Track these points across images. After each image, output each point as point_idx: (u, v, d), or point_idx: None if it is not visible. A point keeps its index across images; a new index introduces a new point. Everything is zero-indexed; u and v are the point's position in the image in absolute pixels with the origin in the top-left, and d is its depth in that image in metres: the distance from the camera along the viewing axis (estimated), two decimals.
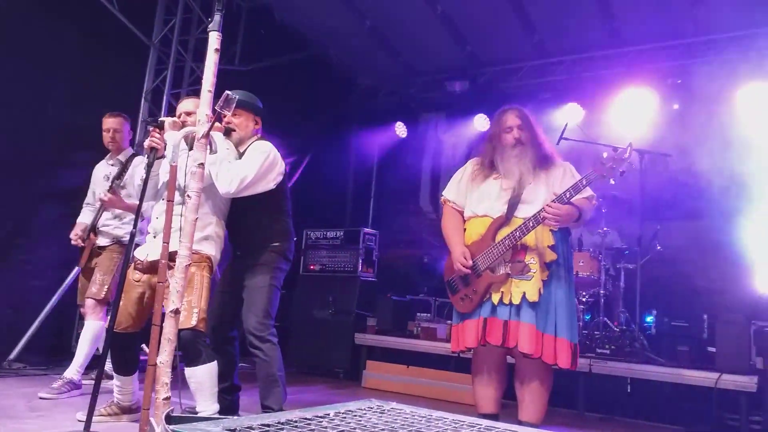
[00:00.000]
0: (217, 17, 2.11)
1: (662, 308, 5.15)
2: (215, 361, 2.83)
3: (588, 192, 2.89)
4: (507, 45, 6.75)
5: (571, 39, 6.45)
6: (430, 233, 6.74)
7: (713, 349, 4.32)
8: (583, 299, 5.09)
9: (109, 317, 2.98)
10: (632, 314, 4.92)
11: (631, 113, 6.20)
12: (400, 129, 7.79)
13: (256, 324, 3.01)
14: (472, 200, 3.08)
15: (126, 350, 3.01)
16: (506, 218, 2.93)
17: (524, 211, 2.90)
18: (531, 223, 2.81)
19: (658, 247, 5.06)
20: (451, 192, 3.19)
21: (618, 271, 5.13)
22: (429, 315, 5.76)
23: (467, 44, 6.88)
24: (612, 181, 2.76)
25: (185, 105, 3.20)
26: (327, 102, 7.39)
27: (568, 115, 6.36)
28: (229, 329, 3.22)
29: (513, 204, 2.94)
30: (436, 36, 6.72)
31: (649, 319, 5.17)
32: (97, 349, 3.96)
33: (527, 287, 2.83)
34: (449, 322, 4.94)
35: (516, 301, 2.82)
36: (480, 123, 7.17)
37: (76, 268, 4.34)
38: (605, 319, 4.94)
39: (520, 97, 6.55)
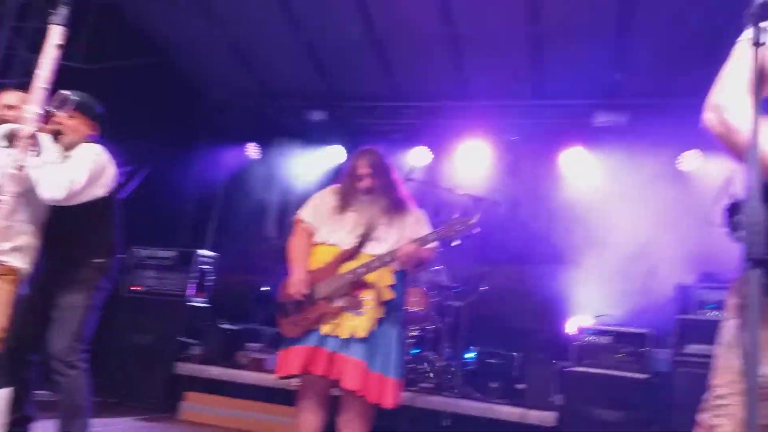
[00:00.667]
0: (63, 10, 1.92)
1: (483, 345, 5.51)
2: (9, 388, 2.49)
3: (434, 243, 3.03)
4: (366, 82, 6.96)
5: (425, 86, 6.83)
6: (273, 261, 6.62)
7: (523, 386, 4.71)
8: (413, 333, 5.29)
9: None
10: (456, 350, 5.21)
11: (472, 161, 6.69)
12: (252, 150, 7.61)
13: (63, 347, 2.72)
14: (325, 227, 3.08)
15: None
16: (354, 252, 2.97)
17: (373, 249, 2.97)
18: (377, 262, 2.88)
19: (485, 288, 5.45)
20: (307, 213, 3.18)
21: (447, 308, 5.41)
22: (260, 345, 5.58)
23: (329, 75, 6.99)
24: (454, 243, 2.92)
25: (8, 98, 2.89)
26: (174, 112, 7.00)
27: (416, 157, 6.70)
28: (27, 352, 2.86)
29: (364, 240, 2.99)
30: (299, 62, 6.75)
31: (470, 355, 5.51)
32: None
33: (359, 323, 2.87)
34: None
35: (344, 335, 2.85)
36: (336, 154, 7.26)
37: None
38: (431, 354, 5.17)
39: (375, 134, 6.78)
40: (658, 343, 4.49)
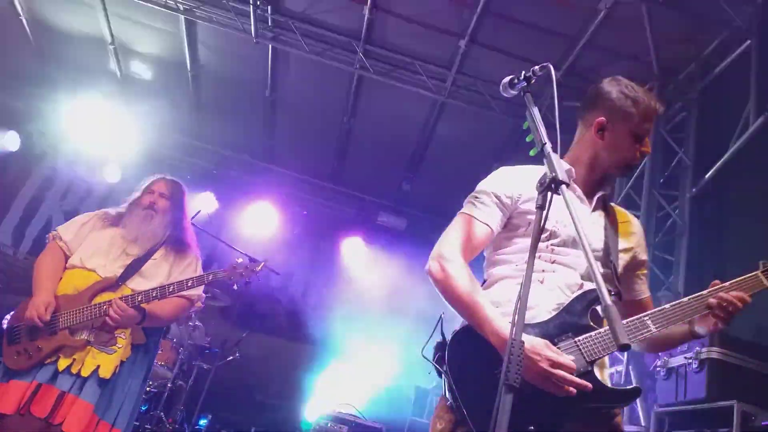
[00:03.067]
0: None
1: (219, 413, 5.20)
2: None
3: (197, 291, 2.80)
4: (171, 111, 6.56)
5: (234, 136, 6.68)
6: None
7: None
8: (148, 389, 4.77)
9: None
10: (190, 414, 4.81)
11: (258, 223, 6.59)
12: (9, 139, 6.48)
13: None
14: (85, 250, 2.69)
15: None
16: (116, 283, 2.63)
17: (137, 284, 2.66)
18: (141, 297, 2.58)
19: (236, 356, 5.21)
20: (68, 231, 2.74)
21: (192, 367, 5.03)
22: None
23: None
24: (235, 287, 2.79)
25: None
26: None
27: (203, 202, 6.38)
28: None
29: (129, 271, 2.67)
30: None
31: (203, 422, 5.13)
32: None
33: (105, 361, 2.52)
34: None
35: (86, 373, 2.47)
36: (111, 172, 6.57)
37: None
38: (161, 413, 4.70)
39: (166, 164, 6.32)
40: None
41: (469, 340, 1.54)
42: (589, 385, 1.44)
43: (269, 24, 5.21)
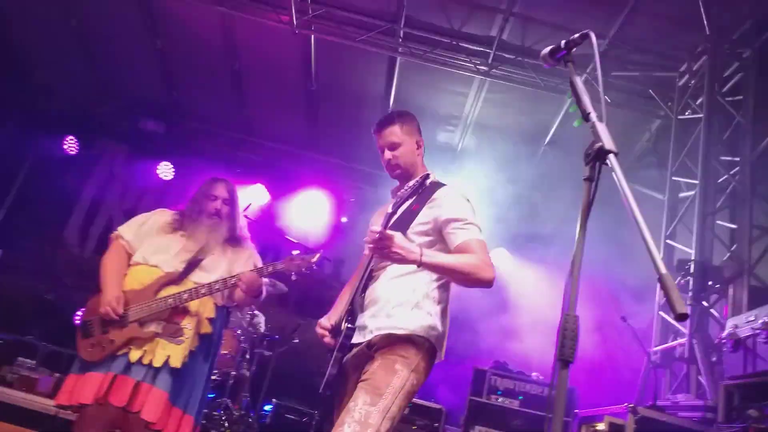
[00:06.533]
0: None
1: (283, 399, 5.34)
2: None
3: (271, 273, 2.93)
4: (218, 106, 6.73)
5: (277, 128, 6.79)
6: (66, 270, 5.86)
7: None
8: (213, 377, 4.96)
9: None
10: (254, 400, 4.97)
11: (310, 212, 6.70)
12: (70, 144, 6.82)
13: None
14: (147, 248, 2.82)
15: None
16: (179, 278, 2.75)
17: (199, 277, 2.78)
18: (204, 290, 2.70)
19: (296, 341, 5.34)
20: (129, 231, 2.90)
21: (254, 355, 5.19)
22: (33, 362, 4.81)
23: (175, 89, 6.63)
24: (294, 277, 2.87)
25: None
26: None
27: (254, 195, 6.53)
28: None
29: (191, 266, 2.79)
30: (145, 68, 6.32)
31: (268, 407, 5.29)
32: None
33: (174, 351, 2.64)
34: (57, 374, 4.24)
35: (157, 363, 2.60)
36: (164, 170, 6.80)
37: None
38: (228, 400, 4.88)
39: (214, 160, 6.50)
40: (450, 420, 4.71)
41: None
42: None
43: (309, 13, 5.25)
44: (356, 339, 2.10)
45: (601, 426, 3.43)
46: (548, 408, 1.22)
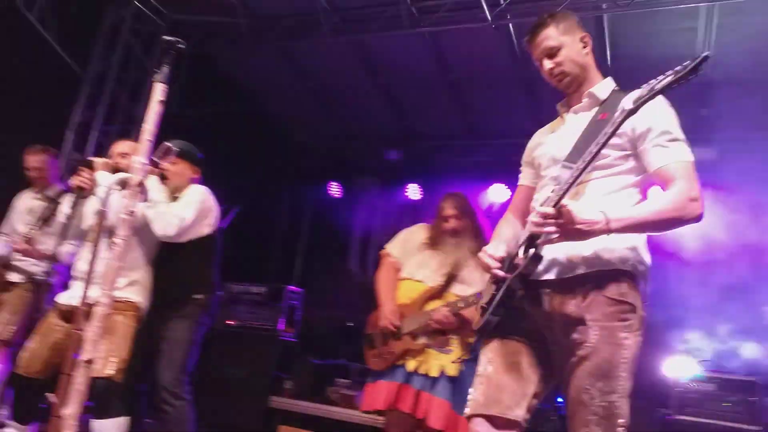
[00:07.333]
0: (164, 69, 2.10)
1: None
2: (127, 417, 2.66)
3: None
4: (441, 122, 7.08)
5: (501, 124, 6.84)
6: (357, 296, 6.71)
7: None
8: None
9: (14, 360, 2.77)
10: (548, 393, 5.00)
11: None
12: (334, 189, 7.86)
13: (171, 379, 2.88)
14: (412, 263, 3.12)
15: (30, 396, 2.80)
16: (440, 291, 2.98)
17: (459, 290, 2.96)
18: (464, 303, 2.85)
19: None
20: (395, 248, 3.22)
21: None
22: (349, 381, 5.64)
23: (405, 117, 7.18)
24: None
25: (121, 146, 3.15)
26: (261, 154, 7.38)
27: (494, 195, 6.67)
28: (137, 382, 3.05)
29: (450, 280, 3.00)
30: (375, 105, 6.97)
31: (561, 400, 5.26)
32: None
33: (446, 361, 2.85)
34: None
35: (433, 373, 2.82)
36: (413, 192, 7.37)
37: None
38: None
39: (451, 172, 6.83)
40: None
41: None
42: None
43: (501, 4, 5.22)
44: (547, 275, 1.73)
45: None
46: None
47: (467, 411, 1.79)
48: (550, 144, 1.92)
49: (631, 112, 1.48)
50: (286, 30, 5.85)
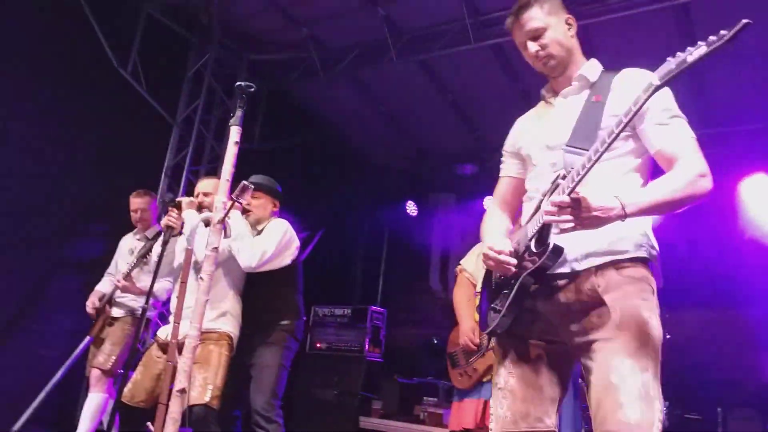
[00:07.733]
0: (239, 113, 2.23)
1: (674, 399, 5.02)
2: None
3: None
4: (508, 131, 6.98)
5: None
6: (440, 313, 6.72)
7: None
8: None
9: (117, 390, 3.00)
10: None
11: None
12: (411, 208, 7.93)
13: (263, 404, 3.01)
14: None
15: (135, 424, 3.01)
16: None
17: None
18: None
19: (667, 336, 4.98)
20: (469, 263, 3.23)
21: None
22: (436, 399, 5.64)
23: (477, 130, 7.16)
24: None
25: (203, 185, 3.34)
26: (340, 180, 7.59)
27: None
28: (232, 408, 3.21)
29: None
30: (447, 121, 7.00)
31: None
32: (101, 423, 3.93)
33: None
34: None
35: None
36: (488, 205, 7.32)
37: (87, 338, 4.37)
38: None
39: None
40: None
41: None
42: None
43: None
44: (561, 269, 1.62)
45: None
46: None
47: (494, 429, 1.68)
48: (540, 131, 1.85)
49: (658, 87, 1.40)
50: (356, 59, 6.04)
